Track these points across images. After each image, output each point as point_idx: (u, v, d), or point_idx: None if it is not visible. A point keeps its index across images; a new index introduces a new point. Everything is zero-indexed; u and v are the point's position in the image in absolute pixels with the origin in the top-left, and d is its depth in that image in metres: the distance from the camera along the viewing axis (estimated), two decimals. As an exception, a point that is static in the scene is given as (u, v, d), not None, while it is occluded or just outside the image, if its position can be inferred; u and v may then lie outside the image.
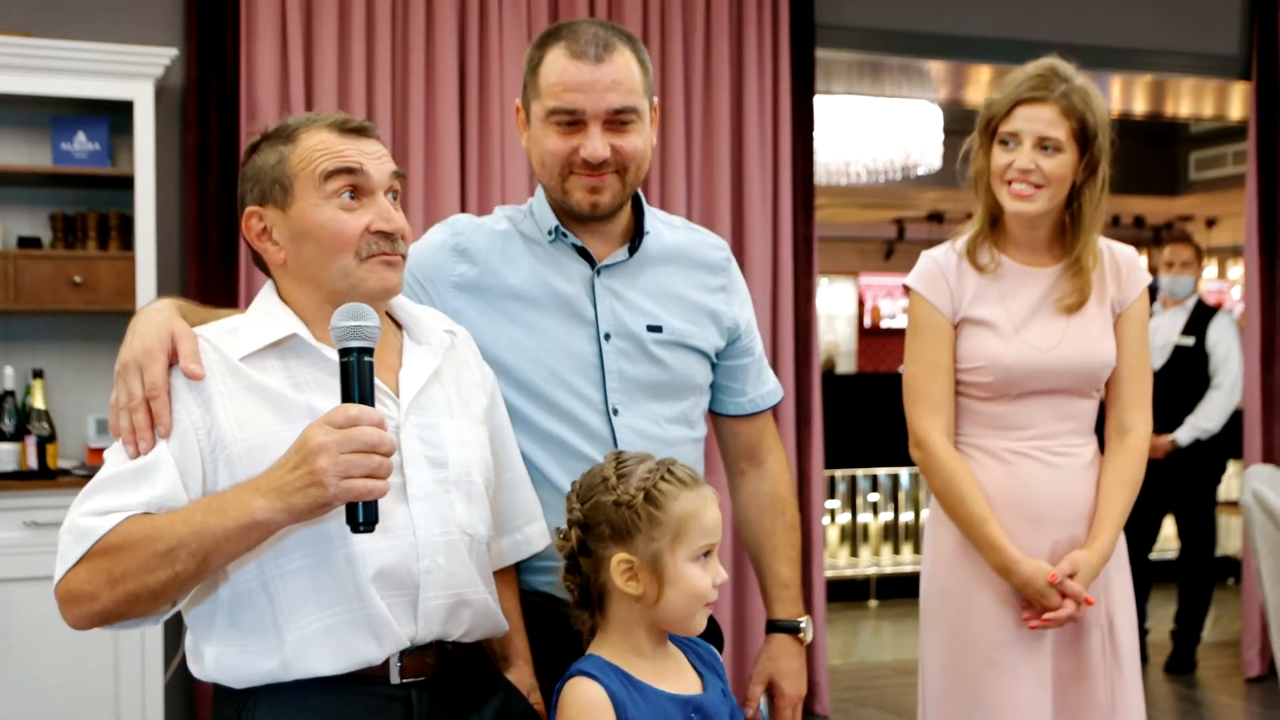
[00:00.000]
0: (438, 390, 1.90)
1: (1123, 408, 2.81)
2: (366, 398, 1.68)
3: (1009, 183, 2.70)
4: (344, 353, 1.68)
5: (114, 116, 4.40)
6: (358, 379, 1.68)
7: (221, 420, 1.76)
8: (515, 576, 2.09)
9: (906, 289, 2.85)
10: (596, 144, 2.06)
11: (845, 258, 13.01)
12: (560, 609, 2.10)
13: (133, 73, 4.27)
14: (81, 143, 4.36)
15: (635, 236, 2.21)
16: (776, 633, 2.31)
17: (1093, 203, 2.73)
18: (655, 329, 2.17)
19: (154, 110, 4.30)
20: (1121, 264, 2.82)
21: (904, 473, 8.15)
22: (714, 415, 2.35)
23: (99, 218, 4.42)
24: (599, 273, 2.18)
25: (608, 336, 2.15)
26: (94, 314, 4.43)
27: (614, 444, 2.12)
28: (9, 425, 4.24)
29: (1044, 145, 2.67)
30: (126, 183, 4.36)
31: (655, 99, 2.17)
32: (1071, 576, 2.65)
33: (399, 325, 1.95)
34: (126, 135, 4.40)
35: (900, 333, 15.38)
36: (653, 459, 1.93)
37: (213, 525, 1.65)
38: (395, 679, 1.79)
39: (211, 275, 4.53)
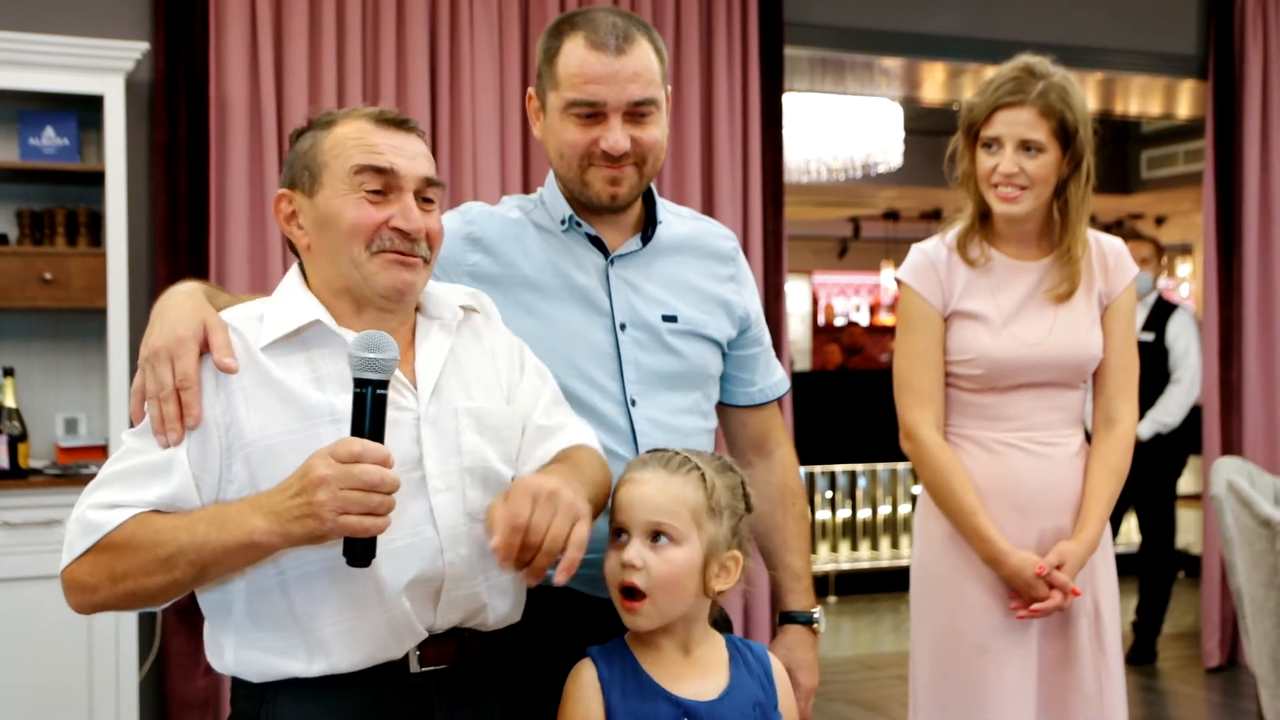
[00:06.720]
0: (453, 373, 1.86)
1: (1109, 398, 2.86)
2: (376, 433, 1.65)
3: (995, 185, 2.74)
4: (358, 383, 1.65)
5: (83, 111, 4.34)
6: (370, 413, 1.64)
7: (242, 416, 1.73)
8: None
9: (899, 282, 2.87)
10: (618, 136, 2.05)
11: (799, 256, 13.04)
12: (577, 603, 2.10)
13: (103, 67, 4.22)
14: (50, 138, 4.30)
15: (647, 226, 2.20)
16: (790, 624, 2.31)
17: (1079, 195, 2.77)
18: (670, 319, 2.17)
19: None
20: (1109, 256, 2.85)
21: (861, 469, 8.20)
22: (722, 407, 2.34)
23: (67, 214, 4.35)
24: (612, 262, 2.16)
25: (623, 327, 2.14)
26: (64, 311, 4.37)
27: (633, 436, 2.11)
28: (-22, 425, 4.16)
29: (1026, 147, 2.71)
30: (95, 178, 4.31)
31: (669, 88, 2.16)
32: (1059, 568, 2.70)
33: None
34: (95, 130, 4.35)
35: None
36: (703, 454, 1.97)
37: (212, 539, 1.64)
38: (415, 667, 1.79)
39: (181, 272, 4.45)
